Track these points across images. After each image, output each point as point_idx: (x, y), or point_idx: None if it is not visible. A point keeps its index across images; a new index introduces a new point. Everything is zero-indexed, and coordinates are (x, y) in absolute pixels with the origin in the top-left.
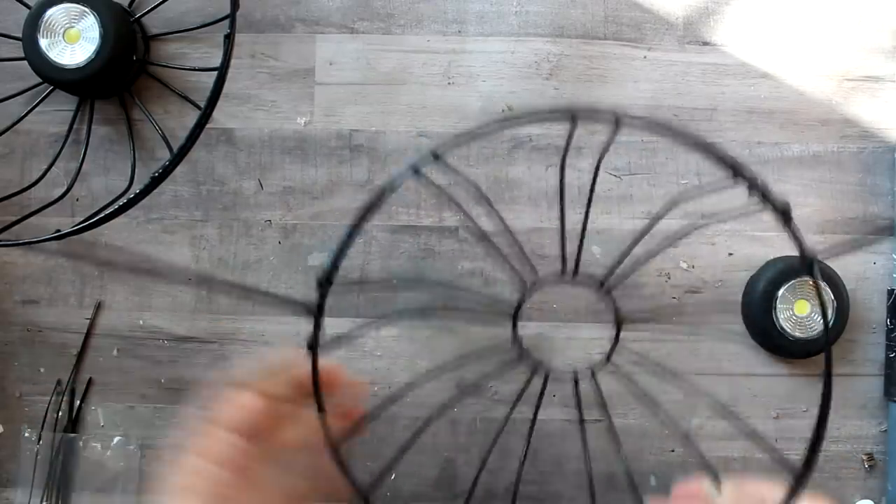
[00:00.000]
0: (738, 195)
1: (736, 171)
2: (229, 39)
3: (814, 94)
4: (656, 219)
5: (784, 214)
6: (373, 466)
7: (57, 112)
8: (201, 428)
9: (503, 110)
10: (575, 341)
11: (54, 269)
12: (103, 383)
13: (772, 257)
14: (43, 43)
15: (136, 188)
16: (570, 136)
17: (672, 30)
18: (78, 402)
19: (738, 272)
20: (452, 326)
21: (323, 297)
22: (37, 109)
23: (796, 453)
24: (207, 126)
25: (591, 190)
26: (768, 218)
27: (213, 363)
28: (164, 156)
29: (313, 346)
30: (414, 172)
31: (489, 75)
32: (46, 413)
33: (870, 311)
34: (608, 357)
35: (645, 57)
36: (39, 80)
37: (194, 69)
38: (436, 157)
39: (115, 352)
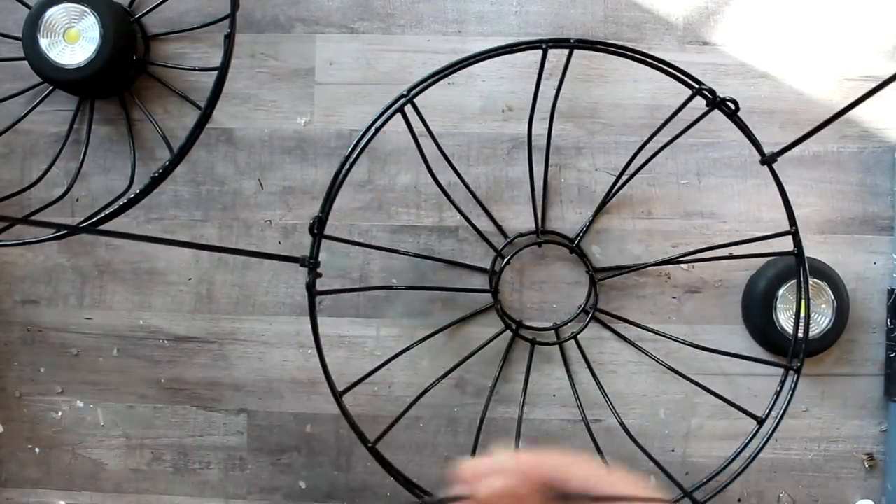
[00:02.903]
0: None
1: (690, 79)
2: (229, 39)
3: (814, 94)
4: (628, 163)
5: (734, 105)
6: (374, 466)
7: (57, 112)
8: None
9: (503, 110)
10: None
11: (54, 269)
12: (103, 383)
13: (772, 257)
14: (43, 43)
15: (136, 188)
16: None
17: (672, 30)
18: None
19: (738, 272)
20: (453, 326)
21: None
22: (37, 109)
23: (796, 453)
24: (207, 126)
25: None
26: (769, 218)
27: (212, 363)
28: (164, 156)
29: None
30: None
31: (489, 75)
32: None
33: (870, 311)
34: (584, 308)
35: None
36: (39, 80)
37: (194, 69)
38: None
39: (115, 352)
